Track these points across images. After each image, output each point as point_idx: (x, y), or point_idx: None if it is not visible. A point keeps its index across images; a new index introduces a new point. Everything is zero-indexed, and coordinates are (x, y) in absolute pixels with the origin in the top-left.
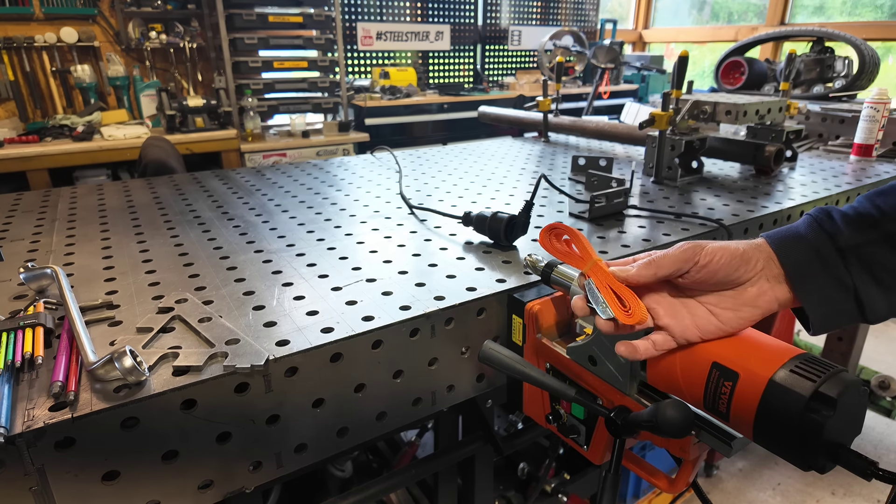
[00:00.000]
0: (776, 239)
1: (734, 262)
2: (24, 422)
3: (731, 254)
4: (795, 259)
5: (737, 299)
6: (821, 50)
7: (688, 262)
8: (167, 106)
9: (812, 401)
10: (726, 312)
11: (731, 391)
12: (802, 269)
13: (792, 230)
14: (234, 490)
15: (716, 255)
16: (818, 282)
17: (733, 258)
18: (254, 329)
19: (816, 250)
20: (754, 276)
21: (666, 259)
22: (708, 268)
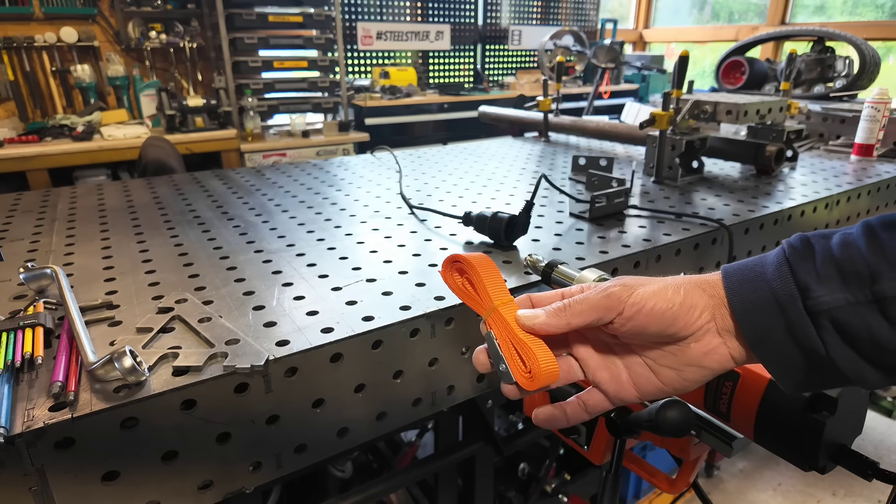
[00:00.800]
0: (733, 280)
1: (669, 315)
2: (24, 422)
3: (666, 302)
4: (752, 315)
5: (679, 357)
6: (821, 50)
7: (609, 311)
8: (167, 106)
9: (813, 401)
10: (667, 371)
11: (731, 391)
12: (760, 330)
13: (756, 270)
14: (233, 490)
15: (645, 305)
16: (782, 348)
17: (669, 309)
18: (254, 329)
19: (781, 306)
20: (698, 331)
21: (583, 306)
22: (635, 321)
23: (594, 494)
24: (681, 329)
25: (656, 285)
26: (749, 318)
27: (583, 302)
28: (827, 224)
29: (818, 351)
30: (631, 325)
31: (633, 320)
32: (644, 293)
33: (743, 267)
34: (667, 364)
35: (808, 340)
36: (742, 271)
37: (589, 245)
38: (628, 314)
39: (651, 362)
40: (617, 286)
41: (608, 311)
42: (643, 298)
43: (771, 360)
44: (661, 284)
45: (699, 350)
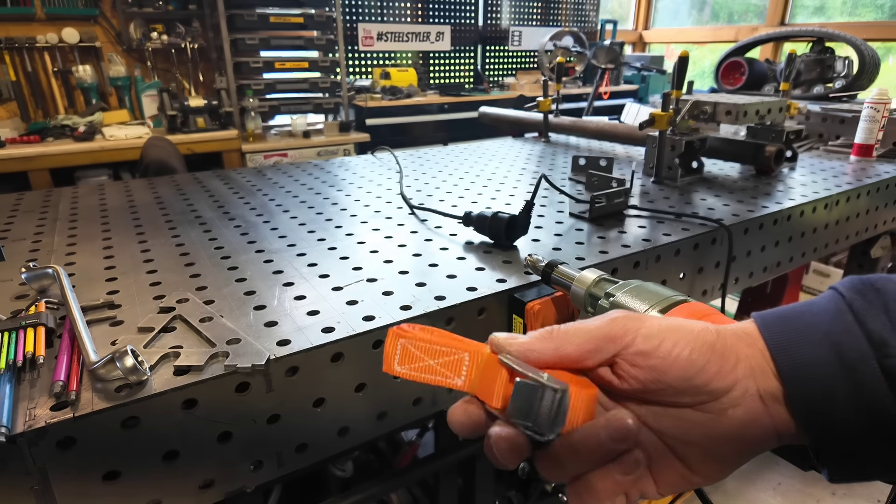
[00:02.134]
0: (774, 330)
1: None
2: (26, 421)
3: (694, 341)
4: (807, 378)
5: (711, 429)
6: (821, 50)
7: (612, 342)
8: (168, 106)
9: None
10: (693, 451)
11: None
12: (817, 394)
13: (805, 320)
14: (234, 490)
15: (666, 342)
16: (843, 415)
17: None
18: (255, 329)
19: (846, 366)
20: (735, 387)
21: (578, 333)
22: (649, 360)
23: None
24: (712, 378)
25: (677, 320)
26: (801, 382)
27: (578, 329)
28: (826, 224)
29: (890, 424)
30: (643, 367)
31: (648, 359)
32: (660, 327)
33: (786, 316)
34: (692, 440)
35: (883, 412)
36: (786, 320)
37: (589, 245)
38: (642, 348)
39: (671, 441)
40: (621, 314)
41: (610, 342)
42: (660, 333)
43: (825, 438)
44: (681, 320)
45: (739, 418)
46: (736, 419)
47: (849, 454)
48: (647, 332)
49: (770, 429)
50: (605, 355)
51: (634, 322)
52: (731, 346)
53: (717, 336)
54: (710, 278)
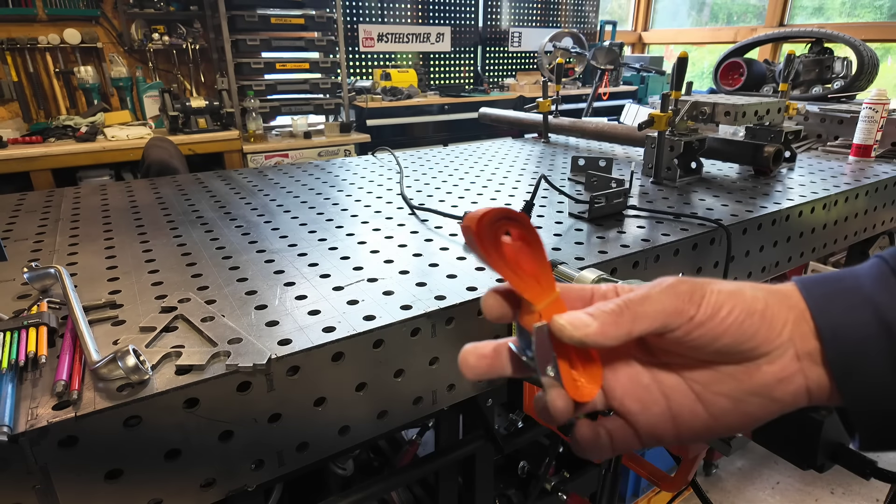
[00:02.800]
0: (815, 293)
1: (749, 325)
2: (28, 420)
3: (747, 310)
4: (845, 338)
5: (741, 382)
6: (820, 51)
7: (681, 315)
8: (170, 107)
9: None
10: (721, 401)
11: None
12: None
13: (847, 283)
14: (236, 488)
15: (723, 309)
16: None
17: (750, 317)
18: (256, 328)
19: (887, 327)
20: (777, 349)
21: (647, 307)
22: (706, 328)
23: (594, 492)
24: (759, 345)
25: (730, 286)
26: (839, 342)
27: (647, 301)
28: (825, 225)
29: None
30: (698, 335)
31: (704, 328)
32: (720, 294)
33: (827, 279)
34: (722, 391)
35: None
36: (827, 283)
37: (588, 245)
38: (701, 318)
39: (700, 388)
40: (685, 283)
41: (678, 316)
42: (719, 301)
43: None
44: (735, 285)
45: (772, 374)
46: (770, 375)
47: (882, 418)
48: (706, 303)
49: (802, 388)
50: (669, 328)
51: (697, 292)
52: (777, 311)
53: (766, 304)
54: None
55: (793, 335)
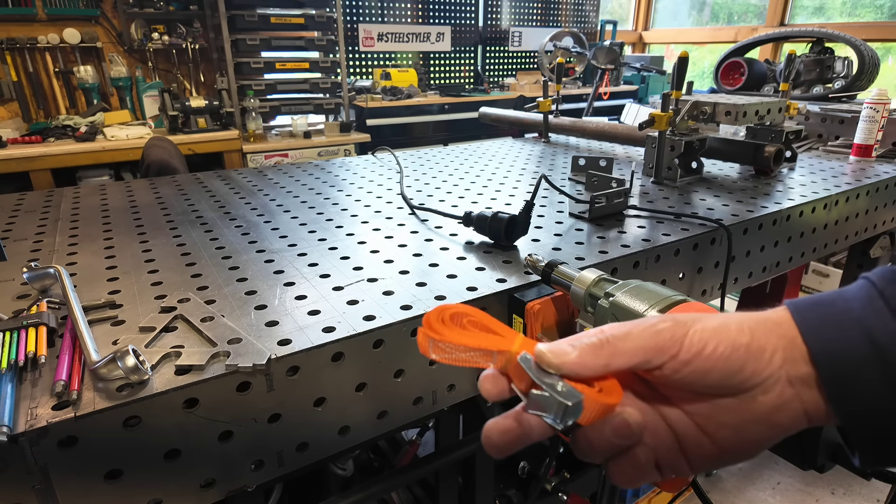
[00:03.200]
0: (808, 317)
1: (736, 359)
2: (28, 420)
3: (730, 343)
4: (838, 361)
5: (739, 413)
6: (820, 51)
7: (662, 353)
8: (170, 107)
9: None
10: (724, 431)
11: None
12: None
13: (837, 306)
14: (235, 489)
15: (706, 347)
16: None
17: (736, 351)
18: (256, 328)
19: (878, 349)
20: (768, 379)
21: (628, 343)
22: (693, 365)
23: (594, 493)
24: (749, 377)
25: (715, 321)
26: (833, 365)
27: (627, 338)
28: (825, 225)
29: None
30: (687, 372)
31: (691, 366)
32: (703, 332)
33: (817, 302)
34: (723, 422)
35: None
36: (818, 307)
37: (588, 245)
38: (686, 357)
39: (702, 421)
40: (667, 322)
41: (659, 353)
42: (703, 339)
43: (856, 420)
44: (720, 320)
45: (768, 403)
46: (766, 404)
47: (878, 437)
48: (691, 340)
49: (800, 412)
50: (652, 365)
51: (681, 328)
52: (765, 342)
53: (752, 336)
54: (709, 278)
55: (784, 362)
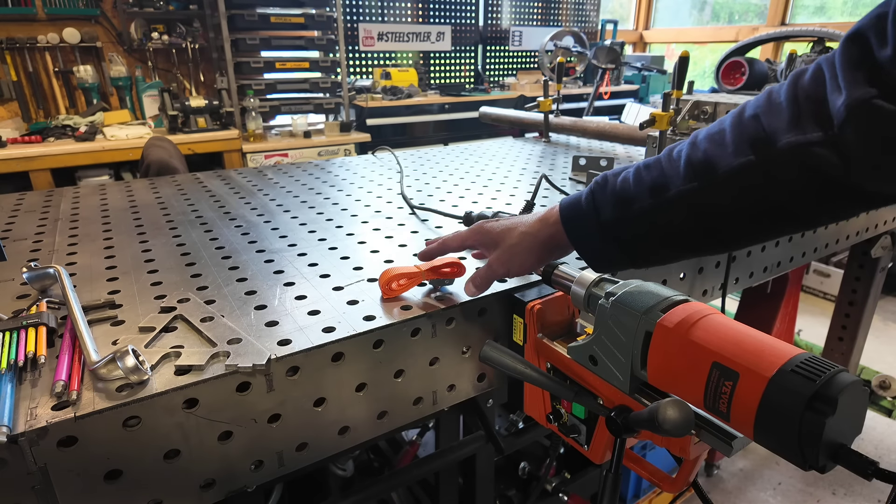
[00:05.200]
0: (565, 206)
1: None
2: (27, 421)
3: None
4: (574, 227)
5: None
6: (822, 50)
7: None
8: (169, 106)
9: (812, 400)
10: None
11: (731, 391)
12: (579, 234)
13: (576, 199)
14: (235, 489)
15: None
16: (589, 244)
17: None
18: (255, 329)
19: (585, 220)
20: None
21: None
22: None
23: (594, 493)
24: None
25: (510, 242)
26: (573, 230)
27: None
28: (826, 224)
29: (605, 251)
30: None
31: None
32: (506, 256)
33: (572, 198)
34: None
35: (600, 242)
36: (571, 201)
37: None
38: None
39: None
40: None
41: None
42: (506, 260)
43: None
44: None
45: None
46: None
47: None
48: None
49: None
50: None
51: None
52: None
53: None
54: (710, 278)
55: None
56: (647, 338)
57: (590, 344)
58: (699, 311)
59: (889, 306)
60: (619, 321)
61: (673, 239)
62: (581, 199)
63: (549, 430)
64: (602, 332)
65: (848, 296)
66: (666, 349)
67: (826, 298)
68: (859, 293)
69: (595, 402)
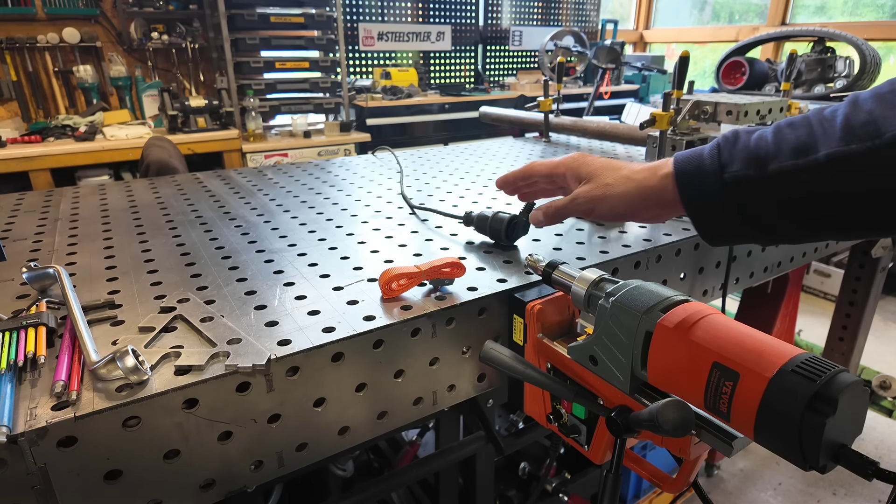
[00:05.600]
0: (681, 159)
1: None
2: (27, 421)
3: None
4: (689, 183)
5: None
6: (822, 50)
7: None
8: (169, 106)
9: (813, 401)
10: None
11: (731, 391)
12: (694, 192)
13: (696, 152)
14: (235, 489)
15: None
16: (705, 205)
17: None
18: (255, 329)
19: (705, 175)
20: None
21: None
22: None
23: (594, 493)
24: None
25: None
26: (687, 188)
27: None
28: None
29: (725, 215)
30: None
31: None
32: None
33: (690, 154)
34: None
35: (721, 206)
36: (688, 156)
37: (589, 245)
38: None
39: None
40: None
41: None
42: (608, 207)
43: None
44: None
45: None
46: None
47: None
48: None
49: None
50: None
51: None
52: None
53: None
54: (710, 278)
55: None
56: (648, 338)
57: (590, 344)
58: (699, 311)
59: (889, 306)
60: (620, 321)
61: (810, 209)
62: (703, 153)
63: (549, 430)
64: (602, 332)
65: (848, 296)
66: (666, 349)
67: (826, 298)
68: (860, 293)
69: (595, 402)
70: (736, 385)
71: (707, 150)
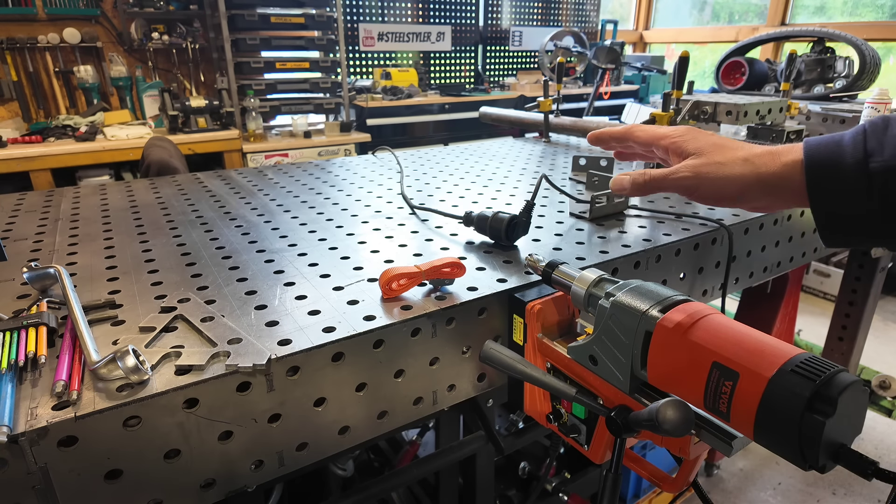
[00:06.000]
0: (814, 144)
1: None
2: (27, 420)
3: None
4: (823, 173)
5: None
6: (821, 50)
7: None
8: (170, 106)
9: (812, 400)
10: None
11: (731, 391)
12: (829, 184)
13: (835, 138)
14: (235, 489)
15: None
16: (843, 199)
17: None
18: (256, 328)
19: (845, 165)
20: None
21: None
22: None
23: (594, 493)
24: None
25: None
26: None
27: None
28: None
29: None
30: None
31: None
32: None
33: (825, 139)
34: None
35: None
36: (823, 141)
37: (589, 245)
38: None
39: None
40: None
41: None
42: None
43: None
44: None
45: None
46: None
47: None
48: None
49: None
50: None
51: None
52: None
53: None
54: (710, 278)
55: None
56: (647, 338)
57: (590, 344)
58: (699, 311)
59: (889, 306)
60: (619, 321)
61: None
62: (842, 139)
63: (549, 430)
64: (602, 332)
65: (848, 296)
66: (666, 349)
67: (826, 298)
68: (859, 293)
69: (595, 402)
70: (735, 385)
71: (849, 135)
